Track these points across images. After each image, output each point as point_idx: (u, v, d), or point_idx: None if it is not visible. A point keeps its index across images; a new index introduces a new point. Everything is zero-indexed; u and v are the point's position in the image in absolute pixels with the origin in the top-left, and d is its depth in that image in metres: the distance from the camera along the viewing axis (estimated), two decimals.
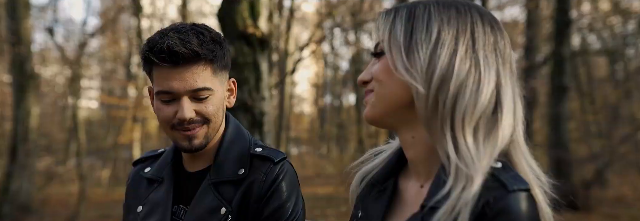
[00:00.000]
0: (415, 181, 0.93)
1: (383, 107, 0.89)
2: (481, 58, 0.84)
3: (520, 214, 0.75)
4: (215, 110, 1.19)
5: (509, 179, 0.78)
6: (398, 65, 0.85)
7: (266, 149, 1.25)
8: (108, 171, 16.04)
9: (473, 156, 0.79)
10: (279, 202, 1.19)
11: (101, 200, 12.62)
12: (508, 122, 0.83)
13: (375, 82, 0.90)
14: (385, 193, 0.96)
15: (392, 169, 0.98)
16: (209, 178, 1.22)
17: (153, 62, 1.14)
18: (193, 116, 1.16)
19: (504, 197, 0.76)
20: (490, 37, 0.86)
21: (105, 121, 20.18)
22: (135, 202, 1.31)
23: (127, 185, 1.39)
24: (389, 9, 0.93)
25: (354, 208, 1.04)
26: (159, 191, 1.28)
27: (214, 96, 1.19)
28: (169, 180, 1.27)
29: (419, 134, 0.89)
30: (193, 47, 1.11)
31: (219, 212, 1.18)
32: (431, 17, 0.86)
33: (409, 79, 0.84)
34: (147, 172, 1.34)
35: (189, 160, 1.28)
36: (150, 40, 1.15)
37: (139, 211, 1.28)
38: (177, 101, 1.15)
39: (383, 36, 0.89)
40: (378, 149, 1.07)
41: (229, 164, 1.22)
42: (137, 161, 1.42)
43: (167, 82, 1.13)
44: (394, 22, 0.89)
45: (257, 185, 1.19)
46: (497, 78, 0.84)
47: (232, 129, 1.28)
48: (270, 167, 1.21)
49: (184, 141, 1.18)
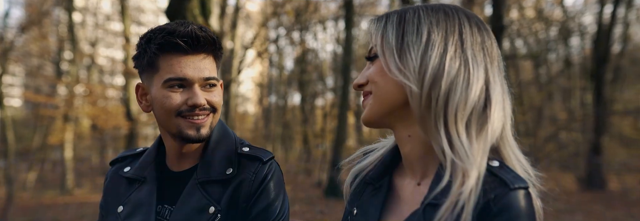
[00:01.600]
0: (411, 179, 0.96)
1: (380, 108, 0.92)
2: (470, 57, 0.88)
3: (521, 210, 0.80)
4: (220, 100, 1.21)
5: (509, 178, 0.83)
6: (392, 66, 0.89)
7: (253, 148, 1.26)
8: (34, 174, 15.06)
9: (467, 150, 0.83)
10: (267, 201, 1.19)
11: (28, 205, 11.86)
12: (498, 117, 0.87)
13: (371, 84, 0.93)
14: (380, 190, 0.99)
15: (387, 168, 1.01)
16: (196, 177, 1.21)
17: (168, 49, 1.14)
18: (205, 103, 1.17)
19: (506, 195, 0.81)
20: (478, 37, 0.91)
21: (31, 120, 18.91)
22: (115, 202, 1.29)
23: (105, 185, 1.36)
24: (380, 15, 0.97)
25: (348, 205, 1.06)
26: (141, 190, 1.25)
27: (218, 87, 1.21)
28: (152, 179, 1.25)
29: (414, 133, 0.92)
30: (211, 34, 1.16)
31: (207, 211, 1.17)
32: (421, 20, 0.90)
33: (403, 79, 0.88)
34: (127, 171, 1.31)
35: (174, 159, 1.27)
36: (165, 28, 1.15)
37: (119, 212, 1.25)
38: (187, 88, 1.16)
39: (376, 40, 0.93)
40: (369, 148, 1.11)
41: (216, 164, 1.22)
42: (114, 161, 1.39)
43: (181, 69, 1.14)
44: (385, 27, 0.93)
45: (247, 184, 1.19)
46: (486, 75, 0.88)
47: (217, 129, 1.27)
48: (259, 166, 1.21)
49: (191, 129, 1.17)
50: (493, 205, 0.80)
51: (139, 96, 1.25)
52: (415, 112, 0.89)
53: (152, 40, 1.15)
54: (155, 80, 1.17)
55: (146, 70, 1.19)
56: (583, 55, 14.57)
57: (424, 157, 0.93)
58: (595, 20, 13.41)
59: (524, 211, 0.81)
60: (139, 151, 1.37)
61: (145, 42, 1.17)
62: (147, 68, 1.18)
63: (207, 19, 6.05)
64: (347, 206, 1.07)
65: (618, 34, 14.09)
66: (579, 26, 16.28)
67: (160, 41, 1.13)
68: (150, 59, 1.16)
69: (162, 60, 1.15)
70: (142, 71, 1.21)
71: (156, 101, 1.18)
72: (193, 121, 1.17)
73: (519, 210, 0.80)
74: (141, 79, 1.24)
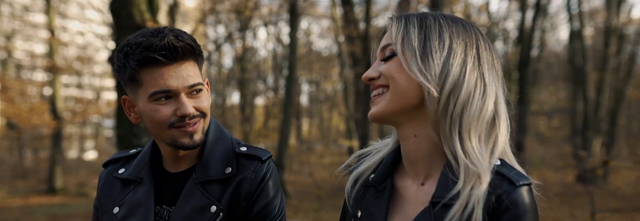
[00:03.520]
0: (414, 179, 1.00)
1: (396, 105, 0.95)
2: (485, 72, 0.95)
3: (527, 206, 0.88)
4: (208, 104, 1.22)
5: (514, 176, 0.90)
6: (413, 67, 0.92)
7: (251, 148, 1.28)
8: None
9: (478, 156, 0.89)
10: (267, 199, 1.23)
11: None
12: (504, 130, 0.95)
13: (389, 79, 0.95)
14: (384, 192, 1.01)
15: (389, 170, 1.04)
16: (194, 177, 1.22)
17: (147, 63, 1.13)
18: (194, 111, 1.17)
19: (513, 191, 0.88)
20: (489, 56, 0.97)
21: None
22: (110, 203, 1.29)
23: (99, 186, 1.35)
24: (398, 15, 0.99)
25: (351, 209, 1.08)
26: (137, 191, 1.25)
27: (204, 91, 1.21)
28: (149, 180, 1.25)
29: (422, 133, 0.96)
30: (188, 42, 1.15)
31: (208, 210, 1.19)
32: (443, 28, 0.95)
33: (423, 81, 0.91)
34: (121, 173, 1.31)
35: (171, 161, 1.27)
36: (141, 42, 1.13)
37: (115, 212, 1.25)
38: (173, 99, 1.16)
39: (396, 39, 0.96)
40: (363, 152, 1.15)
41: (214, 164, 1.23)
42: (107, 163, 1.39)
43: (164, 81, 1.14)
44: (407, 28, 0.95)
45: (247, 182, 1.21)
46: (496, 92, 0.95)
47: (213, 129, 1.28)
48: (259, 165, 1.24)
49: (184, 138, 1.18)
50: (501, 202, 0.87)
51: (127, 108, 1.25)
52: (431, 114, 0.93)
53: (130, 55, 1.14)
54: (141, 94, 1.17)
55: (129, 84, 1.18)
56: (506, 58, 15.61)
57: (428, 157, 0.97)
58: (516, 26, 14.47)
59: (530, 207, 0.88)
60: (132, 152, 1.37)
61: (123, 57, 1.15)
62: (130, 82, 1.18)
63: (155, 15, 5.81)
64: (350, 210, 1.09)
65: (536, 39, 15.30)
66: (502, 31, 17.45)
67: (139, 57, 1.12)
68: (131, 74, 1.15)
69: (144, 74, 1.14)
70: (126, 85, 1.20)
71: (145, 115, 1.18)
72: (185, 129, 1.18)
73: (525, 206, 0.87)
74: (126, 91, 1.23)
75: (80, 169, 18.37)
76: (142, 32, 1.18)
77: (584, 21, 14.79)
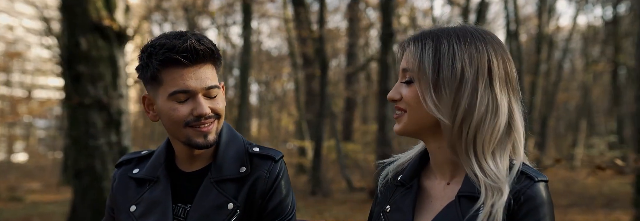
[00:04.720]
0: (441, 179, 1.11)
1: (413, 126, 1.07)
2: (497, 91, 1.02)
3: (544, 199, 0.98)
4: (223, 106, 1.28)
5: (532, 172, 1.00)
6: (428, 101, 1.01)
7: (263, 148, 1.35)
8: None
9: (496, 173, 0.98)
10: (280, 198, 1.29)
11: None
12: (521, 137, 1.05)
13: (407, 105, 1.06)
14: (411, 190, 1.12)
15: (416, 171, 1.15)
16: (210, 176, 1.28)
17: (169, 64, 1.19)
18: (209, 112, 1.23)
19: (532, 186, 0.98)
20: (502, 70, 1.03)
21: None
22: (126, 202, 1.33)
23: (113, 186, 1.39)
24: (415, 39, 1.07)
25: (378, 206, 1.19)
26: (154, 190, 1.30)
27: (220, 94, 1.28)
28: (165, 179, 1.30)
29: (443, 145, 1.06)
30: (209, 46, 1.22)
31: (226, 208, 1.25)
32: (455, 55, 1.01)
33: (437, 113, 1.01)
34: (136, 173, 1.35)
35: (186, 161, 1.32)
36: (164, 43, 1.20)
37: (132, 211, 1.30)
38: (191, 99, 1.22)
39: (412, 67, 1.04)
40: (387, 161, 1.25)
41: (229, 163, 1.29)
42: (120, 163, 1.42)
43: (183, 82, 1.20)
44: (422, 57, 1.03)
45: (262, 181, 1.28)
46: (509, 105, 1.03)
47: (226, 130, 1.34)
48: (272, 165, 1.30)
49: (199, 137, 1.24)
50: (520, 195, 0.97)
51: (146, 106, 1.31)
52: (447, 139, 1.03)
53: (153, 56, 1.20)
54: (160, 93, 1.23)
55: (150, 83, 1.25)
56: None
57: (452, 163, 1.08)
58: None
59: (546, 200, 0.98)
60: (144, 153, 1.41)
61: (147, 57, 1.22)
62: (151, 81, 1.24)
63: (112, 13, 5.59)
64: (377, 206, 1.20)
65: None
66: None
67: (162, 57, 1.19)
68: (153, 74, 1.22)
69: (165, 74, 1.21)
70: (147, 83, 1.27)
71: (163, 113, 1.24)
72: (200, 129, 1.23)
73: (542, 199, 0.97)
74: (146, 90, 1.29)
75: (10, 173, 17.17)
76: (165, 34, 1.25)
77: (519, 27, 15.75)
